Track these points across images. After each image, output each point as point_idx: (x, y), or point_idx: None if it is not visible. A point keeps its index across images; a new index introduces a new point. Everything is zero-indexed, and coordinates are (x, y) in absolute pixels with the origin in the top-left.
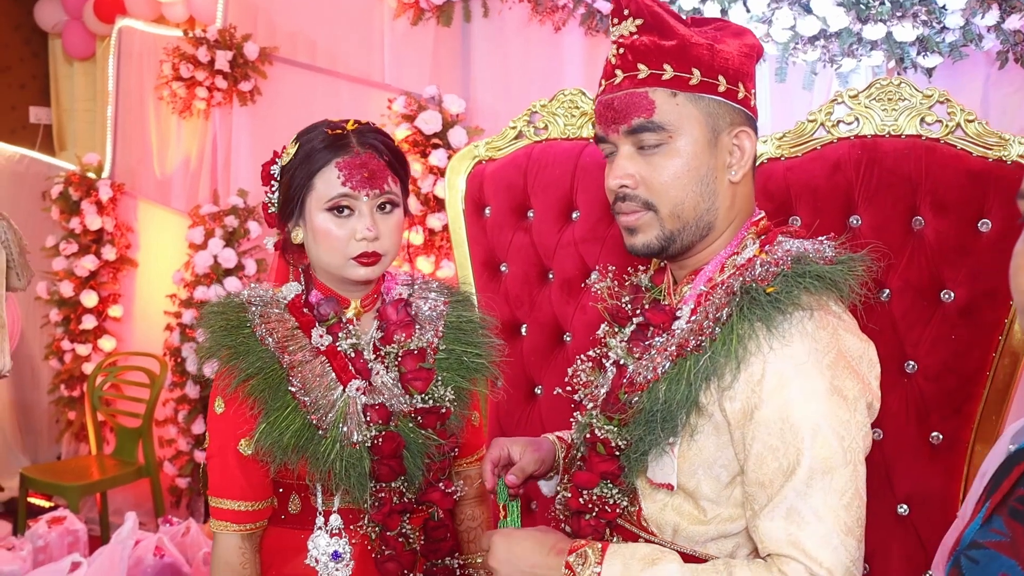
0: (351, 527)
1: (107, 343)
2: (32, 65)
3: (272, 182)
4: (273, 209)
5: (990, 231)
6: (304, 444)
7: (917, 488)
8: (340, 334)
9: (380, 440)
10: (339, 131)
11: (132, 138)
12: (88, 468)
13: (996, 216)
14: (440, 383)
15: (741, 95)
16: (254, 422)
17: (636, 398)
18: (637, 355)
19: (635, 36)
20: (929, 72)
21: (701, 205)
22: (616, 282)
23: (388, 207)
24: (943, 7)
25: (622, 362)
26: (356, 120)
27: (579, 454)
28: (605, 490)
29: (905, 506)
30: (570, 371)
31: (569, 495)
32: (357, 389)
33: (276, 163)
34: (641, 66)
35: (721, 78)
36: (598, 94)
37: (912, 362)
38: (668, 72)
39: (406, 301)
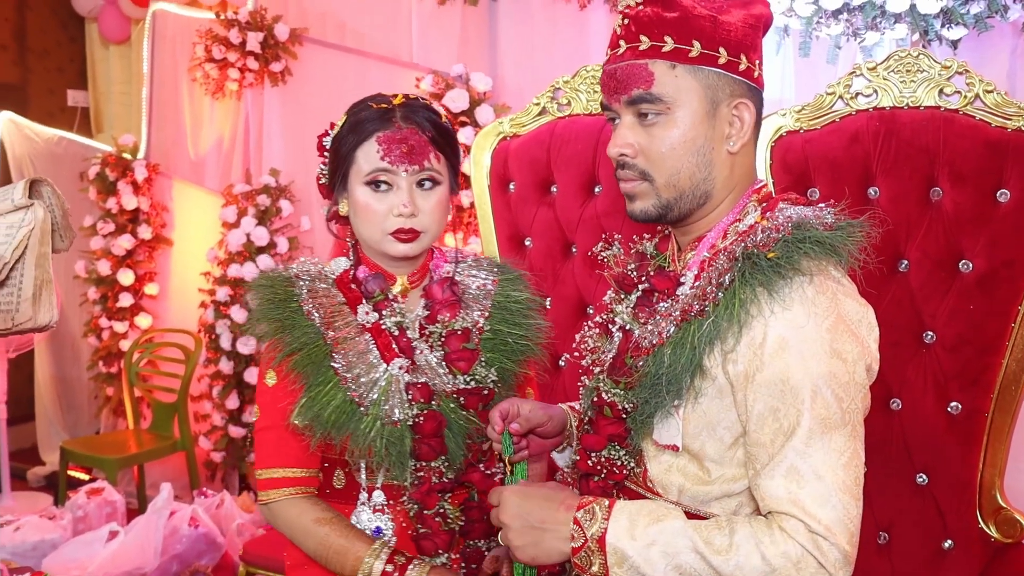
0: (392, 503)
1: (143, 320)
2: (69, 49)
3: (324, 153)
4: (324, 180)
5: (1009, 201)
6: (345, 420)
7: (935, 458)
8: (385, 311)
9: (421, 419)
10: (384, 105)
11: (166, 119)
12: (126, 442)
13: (1015, 186)
14: (484, 364)
15: (743, 67)
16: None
17: (642, 362)
18: (643, 320)
19: (640, 7)
20: (954, 44)
21: (697, 175)
22: (622, 250)
23: (428, 184)
24: None
25: (628, 327)
26: (407, 95)
27: (587, 418)
28: (612, 452)
29: (924, 475)
30: (577, 337)
31: (577, 458)
32: (400, 368)
33: (328, 134)
34: (643, 37)
35: (722, 50)
36: (604, 63)
37: (930, 333)
38: (668, 44)
39: (452, 280)
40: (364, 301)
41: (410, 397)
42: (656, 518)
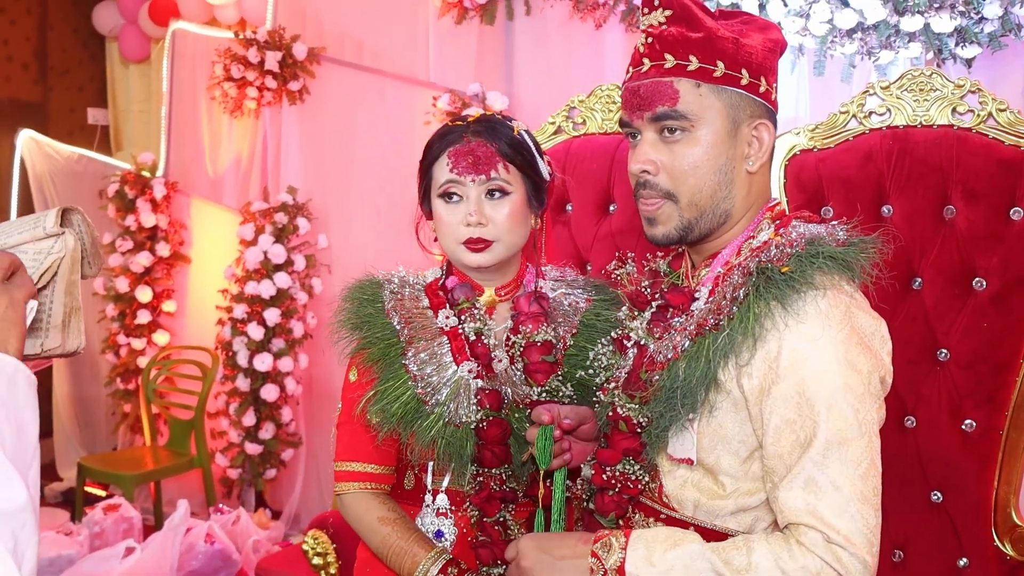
0: (455, 509)
1: (161, 337)
2: (90, 68)
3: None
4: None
5: (1022, 219)
6: (410, 417)
7: (951, 475)
8: (464, 316)
9: (485, 424)
10: (460, 123)
11: (185, 138)
12: (142, 459)
13: None
14: (561, 378)
15: (762, 89)
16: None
17: (657, 376)
18: (657, 335)
19: (664, 26)
20: (968, 63)
21: (718, 194)
22: (636, 268)
23: (497, 194)
24: None
25: (643, 343)
26: (484, 113)
27: (602, 433)
28: (627, 467)
29: (939, 493)
30: (591, 354)
31: (592, 472)
32: (469, 371)
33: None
34: (668, 56)
35: (744, 71)
36: (625, 80)
37: (944, 350)
38: (693, 63)
39: (541, 294)
40: (447, 306)
41: (477, 401)
42: (673, 543)
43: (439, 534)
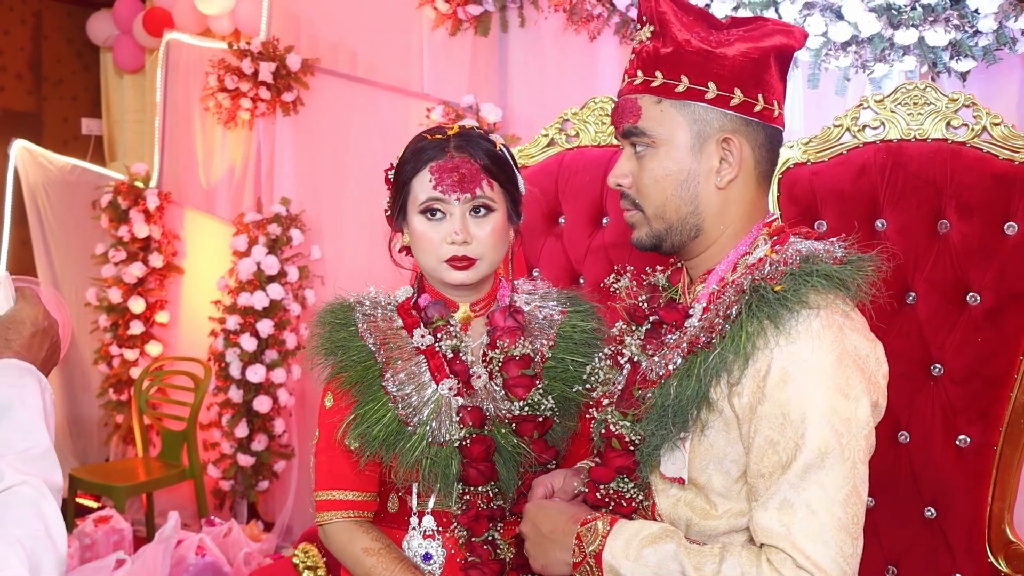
0: (443, 530)
1: (154, 348)
2: (84, 78)
3: (388, 186)
4: (388, 212)
5: (1016, 234)
6: (393, 439)
7: (944, 491)
8: (440, 334)
9: (468, 442)
10: (439, 136)
11: (179, 148)
12: (134, 470)
13: (1022, 219)
14: (542, 391)
15: (736, 101)
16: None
17: (648, 394)
18: (651, 352)
19: (647, 42)
20: (963, 76)
21: (683, 209)
22: (634, 281)
23: (482, 211)
24: (975, 11)
25: (636, 359)
26: (463, 126)
27: (595, 451)
28: (621, 485)
29: (932, 509)
30: (588, 369)
31: (586, 490)
32: (449, 389)
33: (392, 167)
34: (639, 72)
35: (711, 84)
36: None
37: (938, 365)
38: (658, 79)
39: (516, 308)
40: (421, 325)
41: (459, 419)
42: (652, 540)
43: (427, 556)
